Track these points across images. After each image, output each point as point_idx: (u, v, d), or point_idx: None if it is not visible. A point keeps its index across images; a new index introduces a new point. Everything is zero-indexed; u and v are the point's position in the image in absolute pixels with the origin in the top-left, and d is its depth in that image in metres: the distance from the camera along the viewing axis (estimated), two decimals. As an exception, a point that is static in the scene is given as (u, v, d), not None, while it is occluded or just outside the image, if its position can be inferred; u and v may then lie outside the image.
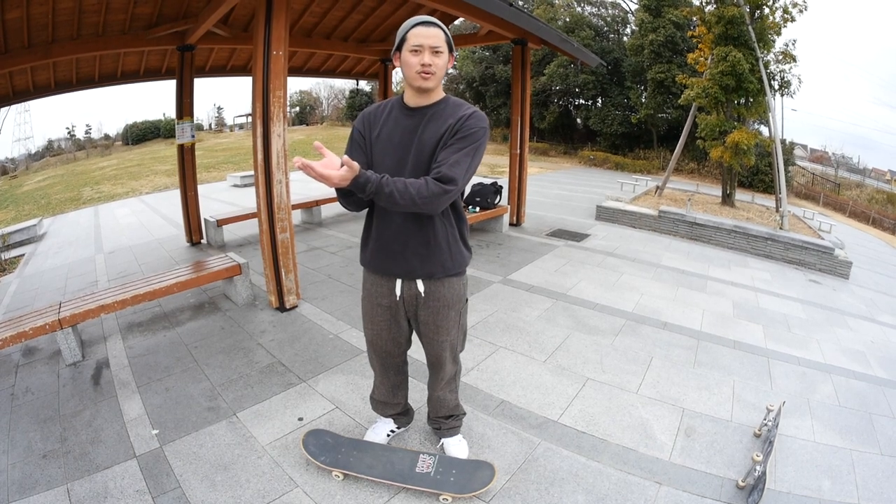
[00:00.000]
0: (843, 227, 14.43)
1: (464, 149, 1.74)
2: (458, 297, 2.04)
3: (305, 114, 48.65)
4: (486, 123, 1.80)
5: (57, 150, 37.63)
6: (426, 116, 1.82)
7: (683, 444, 2.59)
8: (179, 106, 6.38)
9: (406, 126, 1.83)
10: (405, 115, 1.85)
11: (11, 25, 4.60)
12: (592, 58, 8.49)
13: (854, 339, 4.48)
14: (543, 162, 24.68)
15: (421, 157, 1.79)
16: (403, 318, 2.10)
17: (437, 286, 1.98)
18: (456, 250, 1.96)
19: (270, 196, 4.02)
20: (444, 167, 1.70)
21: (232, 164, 20.03)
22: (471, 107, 1.83)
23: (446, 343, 2.10)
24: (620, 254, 6.64)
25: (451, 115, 1.79)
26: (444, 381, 2.26)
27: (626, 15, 28.45)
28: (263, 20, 3.80)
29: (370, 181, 1.61)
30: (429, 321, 2.04)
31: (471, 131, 1.75)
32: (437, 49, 1.73)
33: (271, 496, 2.15)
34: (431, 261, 1.92)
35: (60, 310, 3.48)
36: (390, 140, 1.85)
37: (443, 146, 1.76)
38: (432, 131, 1.79)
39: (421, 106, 1.84)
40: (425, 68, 1.73)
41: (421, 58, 1.73)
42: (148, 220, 9.43)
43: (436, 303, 2.00)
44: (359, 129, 1.91)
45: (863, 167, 38.34)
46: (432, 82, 1.76)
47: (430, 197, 1.67)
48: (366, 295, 2.13)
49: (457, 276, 2.02)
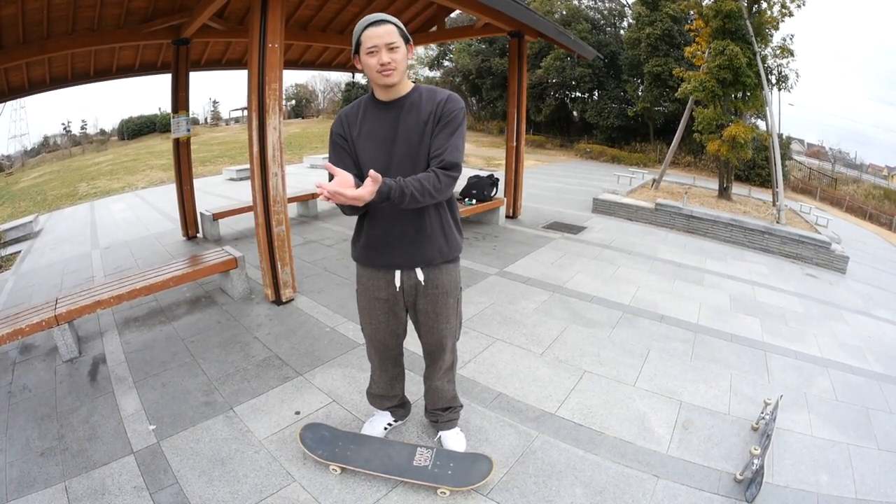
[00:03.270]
0: (840, 222, 14.45)
1: (453, 133, 1.80)
2: (455, 284, 2.08)
3: (301, 107, 48.37)
4: (462, 104, 1.86)
5: (53, 146, 37.39)
6: (403, 108, 1.85)
7: (681, 437, 2.59)
8: (175, 100, 6.33)
9: (385, 120, 1.85)
10: (381, 109, 1.87)
11: (6, 21, 4.56)
12: (589, 51, 8.47)
13: (851, 334, 4.49)
14: (540, 155, 24.60)
15: (408, 148, 1.82)
16: (402, 310, 2.11)
17: (435, 273, 2.01)
18: (451, 235, 2.00)
19: (266, 189, 4.00)
20: (444, 154, 1.75)
21: (228, 157, 19.89)
22: (444, 91, 1.87)
23: (446, 331, 2.12)
24: (617, 246, 6.63)
25: (429, 102, 1.83)
26: (442, 370, 2.27)
27: (623, 8, 28.31)
28: (259, 13, 3.78)
29: (392, 189, 1.63)
30: (428, 310, 2.06)
31: (452, 114, 1.80)
32: (393, 45, 1.74)
33: (269, 490, 2.15)
34: (430, 247, 1.95)
35: (57, 306, 3.46)
36: (372, 136, 1.86)
37: (431, 134, 1.80)
38: (413, 120, 1.82)
39: (394, 99, 1.86)
40: (384, 67, 1.75)
41: (378, 57, 1.74)
42: (144, 214, 9.38)
43: (434, 290, 2.03)
44: (339, 133, 1.91)
45: (860, 163, 38.46)
46: (395, 77, 1.78)
47: (443, 187, 1.74)
48: (362, 290, 2.14)
49: (453, 262, 2.06)
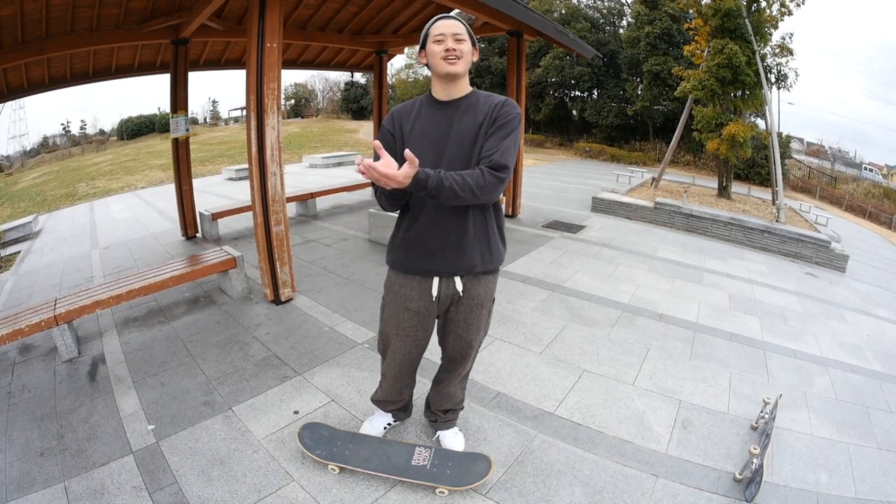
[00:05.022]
0: (840, 221, 14.44)
1: (507, 136, 1.74)
2: (490, 295, 2.03)
3: (301, 106, 48.41)
4: (519, 110, 1.81)
5: (52, 146, 37.37)
6: (459, 109, 1.82)
7: (680, 436, 2.59)
8: (174, 100, 6.33)
9: (440, 120, 1.82)
10: (437, 109, 1.84)
11: (5, 22, 4.56)
12: (588, 49, 8.46)
13: (850, 333, 4.49)
14: (539, 154, 24.59)
15: (460, 149, 1.78)
16: (432, 320, 2.06)
17: (473, 284, 1.95)
18: (494, 244, 1.93)
19: (265, 189, 4.00)
20: (495, 155, 1.70)
21: (227, 157, 19.88)
22: (501, 96, 1.84)
23: (475, 341, 2.09)
24: (616, 245, 6.63)
25: (485, 105, 1.80)
26: (459, 378, 2.25)
27: (622, 7, 28.29)
28: (257, 13, 3.77)
29: (430, 177, 1.58)
30: (460, 319, 2.01)
31: (508, 118, 1.76)
32: (460, 36, 1.75)
33: (267, 490, 2.15)
34: (472, 254, 1.88)
35: (56, 306, 3.46)
36: (425, 135, 1.82)
37: (485, 136, 1.76)
38: (468, 122, 1.79)
39: (452, 99, 1.83)
40: (449, 52, 1.74)
41: (444, 45, 1.74)
42: (143, 214, 9.37)
43: (470, 301, 1.98)
44: (388, 129, 1.88)
45: (859, 161, 38.43)
46: (459, 66, 1.76)
47: (488, 186, 1.67)
48: (391, 299, 2.05)
49: (493, 272, 2.00)
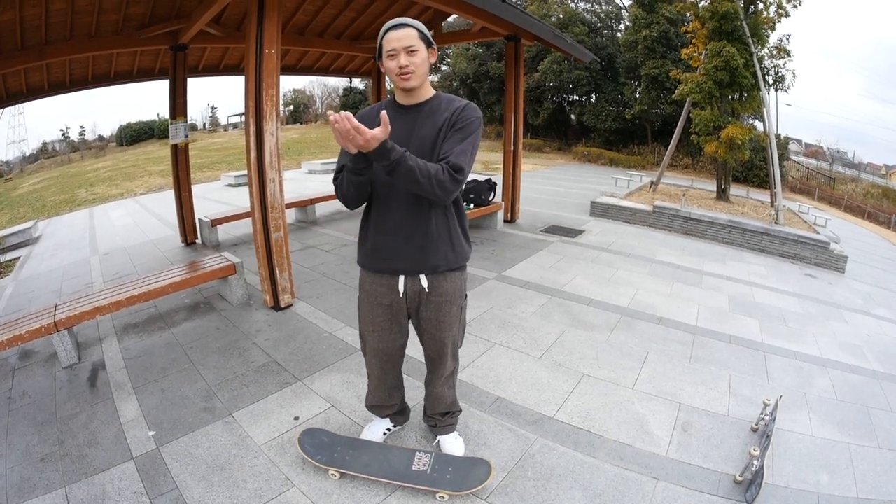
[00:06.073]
0: (839, 222, 14.46)
1: (465, 139, 1.77)
2: (459, 292, 2.06)
3: (299, 112, 48.49)
4: (479, 114, 1.85)
5: (51, 152, 37.48)
6: (421, 113, 1.86)
7: (680, 439, 2.59)
8: (173, 106, 6.35)
9: (402, 123, 1.84)
10: (400, 113, 1.87)
11: (4, 27, 4.58)
12: (586, 54, 8.50)
13: (850, 333, 4.49)
14: (538, 158, 24.64)
15: (421, 152, 1.79)
16: (404, 317, 2.10)
17: (439, 281, 1.99)
18: (458, 243, 1.98)
19: (264, 195, 4.01)
20: (451, 157, 1.72)
21: (226, 163, 19.92)
22: (463, 100, 1.87)
23: (448, 339, 2.11)
24: (615, 249, 6.64)
25: (447, 109, 1.83)
26: (443, 377, 2.26)
27: (619, 11, 28.40)
28: (255, 19, 3.78)
29: (395, 149, 1.59)
30: (431, 318, 2.05)
31: (468, 122, 1.80)
32: (411, 48, 1.76)
33: (268, 496, 2.15)
34: (435, 254, 1.92)
35: (56, 312, 3.47)
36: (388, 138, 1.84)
37: (443, 139, 1.79)
38: (429, 126, 1.83)
39: (415, 103, 1.88)
40: (403, 70, 1.77)
41: (397, 61, 1.77)
42: (142, 220, 9.38)
43: (438, 298, 2.01)
44: None
45: (858, 161, 38.51)
46: (414, 81, 1.80)
47: (446, 182, 1.68)
48: (364, 296, 2.11)
49: (459, 270, 2.04)
